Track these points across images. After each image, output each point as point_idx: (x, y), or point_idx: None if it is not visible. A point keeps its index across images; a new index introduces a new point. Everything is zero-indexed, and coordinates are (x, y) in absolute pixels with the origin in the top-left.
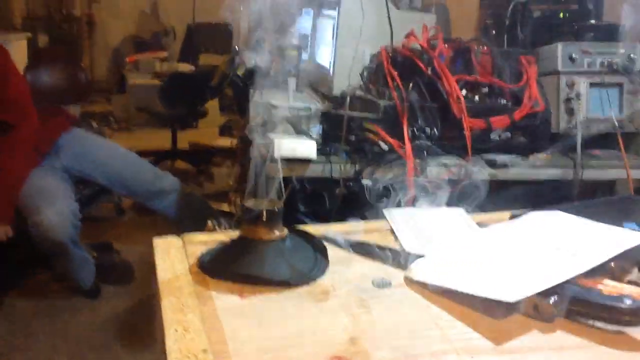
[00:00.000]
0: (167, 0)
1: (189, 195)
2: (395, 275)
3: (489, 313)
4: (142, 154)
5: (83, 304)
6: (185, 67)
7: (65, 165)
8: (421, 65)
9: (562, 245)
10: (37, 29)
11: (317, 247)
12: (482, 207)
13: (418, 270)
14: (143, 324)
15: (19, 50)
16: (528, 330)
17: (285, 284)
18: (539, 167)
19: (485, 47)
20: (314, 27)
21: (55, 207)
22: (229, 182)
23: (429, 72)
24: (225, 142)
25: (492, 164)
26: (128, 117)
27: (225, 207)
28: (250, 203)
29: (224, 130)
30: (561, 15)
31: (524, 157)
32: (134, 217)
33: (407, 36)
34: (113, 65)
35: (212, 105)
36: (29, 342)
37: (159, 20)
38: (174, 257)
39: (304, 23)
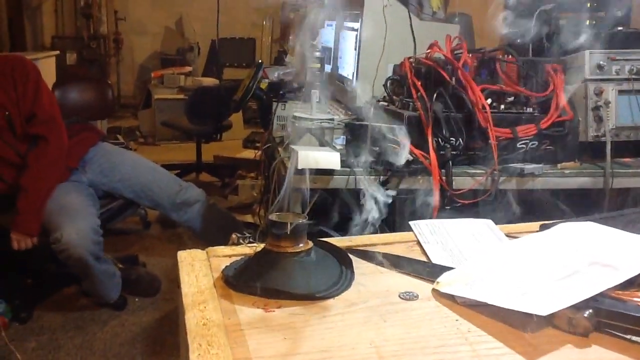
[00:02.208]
0: (192, 16)
1: (213, 207)
2: (423, 288)
3: (520, 327)
4: (167, 167)
5: (110, 317)
6: (210, 82)
7: (91, 180)
8: (445, 75)
9: (595, 256)
10: (66, 47)
11: (343, 259)
12: (511, 218)
13: (446, 283)
14: (169, 336)
15: (48, 68)
16: (562, 345)
17: (310, 297)
18: (567, 176)
19: (510, 56)
20: (337, 40)
21: (75, 225)
22: (253, 194)
23: (453, 82)
24: (250, 154)
25: (519, 174)
26: (154, 131)
27: (249, 219)
28: (274, 216)
29: (248, 143)
30: (588, 22)
31: (552, 166)
32: (160, 230)
33: (431, 47)
34: (139, 81)
35: (237, 118)
36: (57, 355)
37: (184, 37)
38: (198, 270)
39: (327, 36)
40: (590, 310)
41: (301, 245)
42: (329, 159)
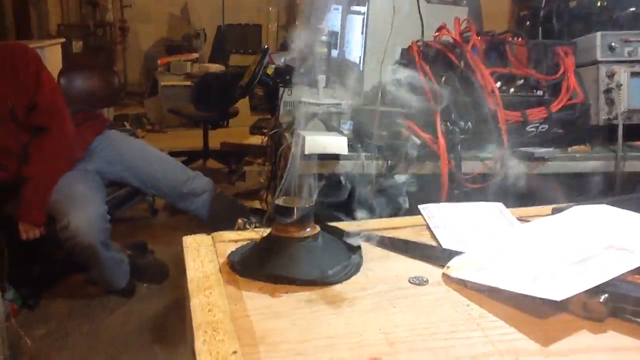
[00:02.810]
0: (197, 3)
1: (220, 196)
2: (433, 272)
3: (534, 313)
4: (174, 154)
5: (118, 304)
6: (216, 68)
7: (97, 168)
8: (454, 58)
9: (610, 240)
10: (72, 35)
11: (351, 244)
12: (521, 201)
13: (457, 268)
14: (178, 323)
15: (53, 56)
16: (577, 331)
17: (317, 283)
18: (578, 160)
19: (520, 39)
20: (344, 24)
21: (82, 212)
22: (260, 181)
23: (462, 65)
24: (257, 140)
25: (529, 157)
26: (161, 119)
27: (257, 205)
28: (280, 201)
29: (255, 129)
30: (599, 4)
31: (562, 150)
32: (168, 217)
33: (439, 30)
34: (145, 68)
35: (243, 104)
36: (65, 342)
37: (190, 23)
38: (204, 256)
39: (334, 20)
40: (606, 295)
41: (308, 230)
42: (337, 143)
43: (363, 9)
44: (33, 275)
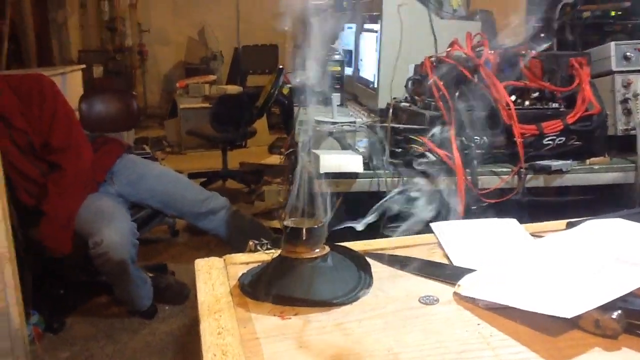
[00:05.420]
0: (213, 25)
1: (237, 214)
2: (444, 291)
3: (545, 330)
4: (194, 175)
5: (140, 325)
6: (233, 89)
7: (119, 191)
8: (467, 73)
9: (624, 255)
10: (92, 60)
11: (361, 264)
12: (539, 216)
13: (468, 286)
14: (199, 343)
15: (74, 82)
16: (589, 349)
17: (327, 304)
18: (597, 172)
19: (534, 52)
20: (357, 42)
21: (114, 226)
22: (279, 200)
23: (475, 79)
24: (275, 160)
25: (546, 171)
26: (180, 141)
27: (276, 225)
28: (289, 221)
29: (274, 149)
30: (612, 14)
31: (580, 162)
32: (188, 238)
33: (451, 45)
34: (165, 91)
35: (261, 124)
36: None
37: (207, 46)
38: (215, 278)
39: (348, 38)
40: (619, 311)
41: (317, 250)
42: (351, 162)
43: (376, 26)
44: (57, 298)
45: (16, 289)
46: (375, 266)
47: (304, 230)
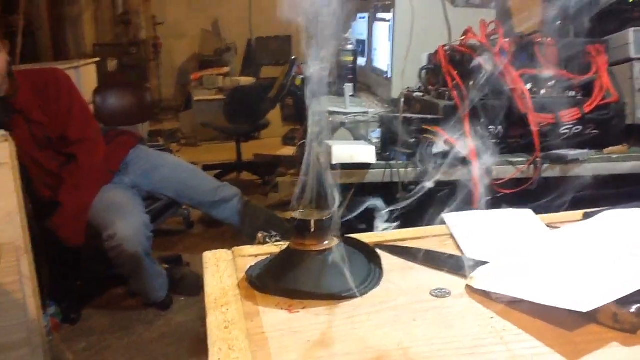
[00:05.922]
0: (227, 17)
1: (249, 203)
2: (456, 284)
3: (561, 325)
4: (208, 167)
5: (156, 317)
6: (247, 81)
7: (133, 181)
8: (481, 61)
9: None
10: (107, 54)
11: (371, 256)
12: (552, 207)
13: (481, 279)
14: None
15: (89, 75)
16: (606, 344)
17: (336, 297)
18: (615, 161)
19: (550, 39)
20: (370, 32)
21: (127, 220)
22: (293, 191)
23: (490, 68)
24: (289, 151)
25: (563, 160)
26: (195, 133)
27: (290, 216)
28: (297, 213)
29: (288, 140)
30: (631, 0)
31: (597, 151)
32: (203, 229)
33: (465, 33)
34: (179, 83)
35: (275, 115)
36: (105, 355)
37: (221, 38)
38: (223, 271)
39: (360, 28)
40: (638, 305)
41: (326, 242)
42: (364, 153)
43: (389, 16)
44: (74, 290)
45: (32, 280)
46: (386, 258)
47: (313, 222)
